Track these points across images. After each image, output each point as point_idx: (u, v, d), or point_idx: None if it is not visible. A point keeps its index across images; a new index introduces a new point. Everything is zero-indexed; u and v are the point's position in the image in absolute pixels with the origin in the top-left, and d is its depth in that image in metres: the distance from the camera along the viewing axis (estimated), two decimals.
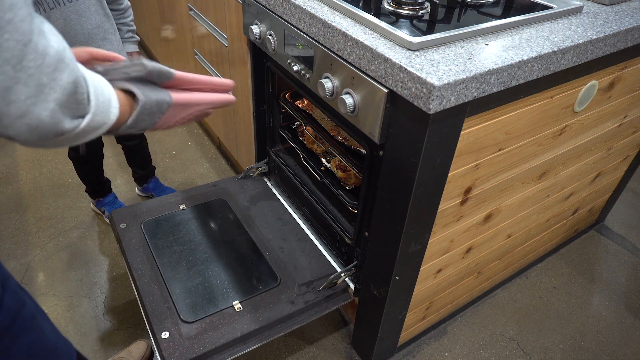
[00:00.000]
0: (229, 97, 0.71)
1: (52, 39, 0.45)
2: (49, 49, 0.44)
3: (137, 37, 1.64)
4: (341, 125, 1.11)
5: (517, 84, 0.88)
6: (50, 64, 0.44)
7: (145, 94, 0.59)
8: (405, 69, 0.79)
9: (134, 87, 0.58)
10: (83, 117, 0.49)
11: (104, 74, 0.56)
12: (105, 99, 0.52)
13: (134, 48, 1.62)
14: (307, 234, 1.44)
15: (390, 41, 0.88)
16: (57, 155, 2.17)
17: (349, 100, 0.95)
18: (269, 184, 1.64)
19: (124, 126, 0.58)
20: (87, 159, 1.66)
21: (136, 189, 1.98)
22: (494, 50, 0.87)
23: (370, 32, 0.92)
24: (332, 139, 1.31)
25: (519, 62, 0.85)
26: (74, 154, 1.64)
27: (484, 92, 0.83)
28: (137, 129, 0.61)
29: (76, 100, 0.48)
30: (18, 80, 0.42)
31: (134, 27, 1.60)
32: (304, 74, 1.11)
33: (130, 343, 1.41)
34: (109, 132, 0.56)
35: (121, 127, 0.58)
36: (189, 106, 0.67)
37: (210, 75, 1.84)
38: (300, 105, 1.48)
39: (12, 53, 0.41)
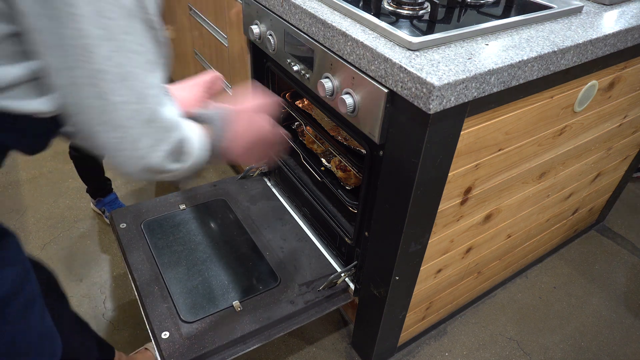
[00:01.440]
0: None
1: (171, 108, 0.62)
2: (169, 115, 0.60)
3: None
4: (341, 125, 1.11)
5: (517, 84, 0.88)
6: (167, 126, 0.60)
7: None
8: (405, 69, 0.79)
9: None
10: (184, 162, 0.66)
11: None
12: (202, 150, 0.69)
13: None
14: (307, 234, 1.44)
15: (390, 41, 0.88)
16: (57, 155, 2.17)
17: (349, 100, 0.95)
18: (269, 184, 1.64)
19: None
20: (89, 156, 1.66)
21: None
22: (494, 50, 0.87)
23: (370, 32, 0.92)
24: (332, 139, 1.31)
25: (519, 62, 0.85)
26: (75, 153, 1.64)
27: (484, 92, 0.83)
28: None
29: (180, 152, 0.64)
30: (146, 134, 0.58)
31: None
32: (304, 74, 1.11)
33: (130, 343, 1.41)
34: None
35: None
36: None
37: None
38: (300, 105, 1.48)
39: (148, 116, 0.57)
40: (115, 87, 0.53)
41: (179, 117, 0.63)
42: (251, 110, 0.81)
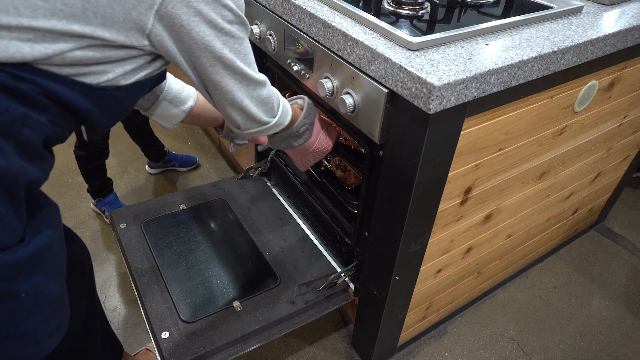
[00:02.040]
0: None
1: (259, 74, 0.84)
2: (259, 79, 0.83)
3: None
4: (341, 125, 1.11)
5: (517, 84, 0.88)
6: (259, 87, 0.83)
7: (304, 119, 1.04)
8: (405, 69, 0.79)
9: (301, 116, 1.04)
10: (274, 117, 0.90)
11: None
12: (285, 110, 0.93)
13: None
14: (307, 234, 1.44)
15: (390, 41, 0.88)
16: (57, 155, 2.16)
17: (349, 100, 0.95)
18: (269, 184, 1.64)
19: (289, 131, 1.02)
20: (95, 155, 1.67)
21: (147, 166, 2.11)
22: (494, 50, 0.87)
23: (370, 32, 0.92)
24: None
25: (519, 62, 0.85)
26: (81, 152, 1.65)
27: (484, 92, 0.83)
28: (287, 139, 1.05)
29: (269, 106, 0.87)
30: (248, 95, 0.82)
31: None
32: (304, 74, 1.11)
33: (130, 343, 1.41)
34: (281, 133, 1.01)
35: (289, 130, 1.01)
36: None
37: None
38: None
39: (248, 81, 0.81)
40: (227, 65, 0.75)
41: (267, 82, 0.85)
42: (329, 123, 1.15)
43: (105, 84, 0.67)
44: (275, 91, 0.90)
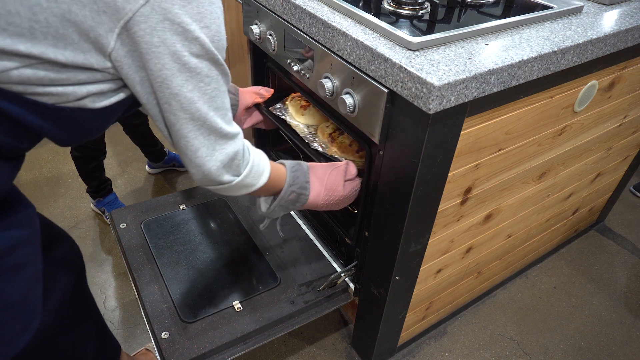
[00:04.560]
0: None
1: (231, 127, 0.75)
2: (225, 130, 0.74)
3: None
4: (341, 125, 1.11)
5: (517, 84, 0.88)
6: (223, 140, 0.74)
7: (289, 188, 0.96)
8: (405, 69, 0.79)
9: (287, 182, 0.95)
10: (236, 176, 0.80)
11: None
12: (258, 170, 0.85)
13: None
14: (307, 234, 1.44)
15: (390, 41, 0.88)
16: (57, 155, 2.17)
17: (349, 100, 0.95)
18: None
19: (275, 203, 0.96)
20: (91, 156, 1.67)
21: (147, 166, 2.10)
22: (494, 50, 0.87)
23: (370, 32, 0.92)
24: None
25: (519, 62, 0.85)
26: (77, 153, 1.65)
27: (484, 92, 0.83)
28: (285, 207, 0.99)
29: (233, 164, 0.78)
30: (205, 145, 0.72)
31: None
32: (304, 74, 1.11)
33: (130, 343, 1.41)
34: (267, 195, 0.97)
35: (276, 199, 0.96)
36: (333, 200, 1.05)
37: None
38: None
39: (209, 131, 0.71)
40: (184, 106, 0.67)
41: (238, 135, 0.78)
42: (337, 170, 1.05)
43: (65, 104, 0.63)
44: (247, 148, 0.82)
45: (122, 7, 0.57)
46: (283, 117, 1.34)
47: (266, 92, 1.32)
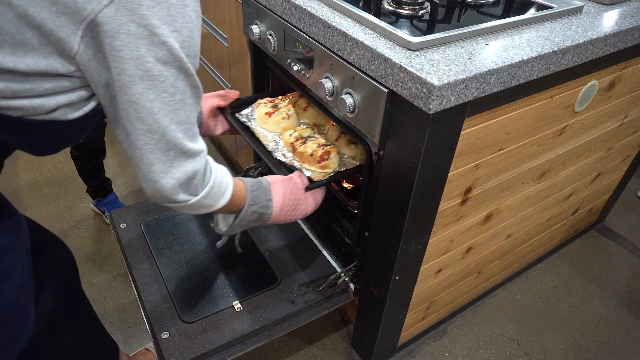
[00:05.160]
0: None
1: (195, 141, 0.70)
2: (187, 147, 0.68)
3: None
4: (341, 125, 1.11)
5: (517, 83, 0.88)
6: (183, 157, 0.68)
7: (250, 208, 0.90)
8: (405, 69, 0.79)
9: (247, 202, 0.89)
10: (193, 196, 0.74)
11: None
12: (219, 191, 0.80)
13: None
14: (307, 234, 1.44)
15: (390, 41, 0.88)
16: (57, 155, 2.17)
17: (349, 100, 0.95)
18: None
19: (234, 222, 0.90)
20: (90, 156, 1.67)
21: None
22: (494, 50, 0.87)
23: (370, 32, 0.92)
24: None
25: (519, 62, 0.85)
26: (77, 153, 1.65)
27: (484, 92, 0.83)
28: (245, 226, 0.93)
29: (193, 184, 0.72)
30: (160, 161, 0.66)
31: None
32: (304, 74, 1.11)
33: (130, 343, 1.41)
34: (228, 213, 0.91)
35: (237, 219, 0.90)
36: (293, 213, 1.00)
37: (212, 75, 1.84)
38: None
39: (165, 145, 0.65)
40: (142, 117, 0.62)
41: (201, 153, 0.72)
42: (293, 181, 1.00)
43: (34, 117, 0.60)
44: (210, 167, 0.76)
45: (83, 8, 0.53)
46: (248, 123, 1.26)
47: (230, 93, 1.23)
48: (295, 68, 1.13)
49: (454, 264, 1.26)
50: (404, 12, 1.02)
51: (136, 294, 1.20)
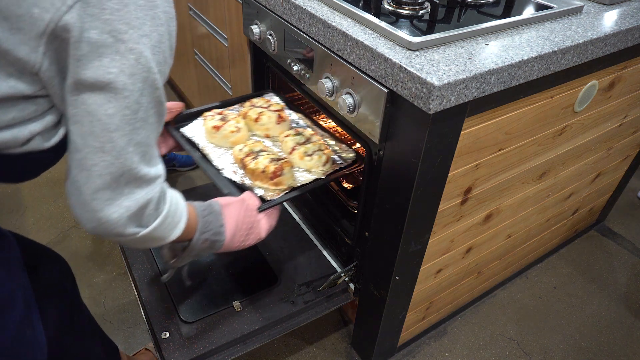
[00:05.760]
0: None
1: (152, 165, 0.61)
2: (142, 172, 0.59)
3: None
4: (341, 125, 1.11)
5: (517, 84, 0.88)
6: (135, 183, 0.59)
7: (202, 236, 0.78)
8: (405, 69, 0.79)
9: (198, 229, 0.78)
10: (143, 227, 0.63)
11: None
12: (173, 221, 0.69)
13: None
14: (307, 234, 1.44)
15: (390, 41, 0.88)
16: None
17: (349, 100, 0.95)
18: None
19: (184, 253, 0.79)
20: None
21: None
22: (494, 50, 0.87)
23: (370, 32, 0.92)
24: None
25: (519, 62, 0.85)
26: None
27: (484, 92, 0.83)
28: (195, 256, 0.82)
29: (145, 214, 0.62)
30: (110, 186, 0.56)
31: None
32: (304, 74, 1.11)
33: (130, 343, 1.41)
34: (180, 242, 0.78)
35: (186, 250, 0.79)
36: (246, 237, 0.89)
37: (212, 75, 1.84)
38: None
39: (119, 170, 0.56)
40: (96, 132, 0.54)
41: (157, 180, 0.63)
42: (243, 202, 0.88)
43: (11, 151, 0.55)
44: (164, 194, 0.67)
45: (40, 19, 0.48)
46: (194, 139, 1.14)
47: (174, 106, 1.13)
48: (295, 68, 1.13)
49: (454, 264, 1.26)
50: (404, 12, 1.02)
51: (136, 294, 1.20)
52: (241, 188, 1.01)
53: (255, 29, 1.26)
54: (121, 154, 0.56)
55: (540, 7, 1.08)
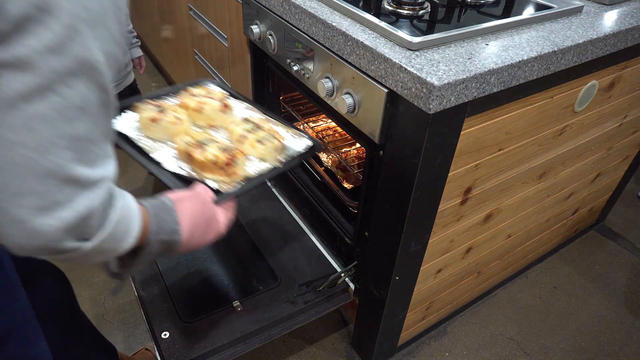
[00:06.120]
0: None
1: (94, 166, 0.49)
2: (78, 174, 0.48)
3: (139, 41, 1.65)
4: (341, 125, 1.11)
5: (517, 83, 0.88)
6: (71, 187, 0.47)
7: (157, 237, 0.64)
8: (405, 69, 0.79)
9: (151, 231, 0.64)
10: (85, 241, 0.51)
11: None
12: (123, 230, 0.56)
13: (139, 52, 1.65)
14: (307, 234, 1.44)
15: (390, 41, 0.88)
16: None
17: (349, 100, 0.95)
18: (269, 184, 1.64)
19: (136, 260, 0.65)
20: None
21: None
22: (494, 50, 0.87)
23: (370, 32, 0.92)
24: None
25: (519, 62, 0.85)
26: None
27: (484, 92, 0.83)
28: (149, 262, 0.67)
29: (87, 225, 0.50)
30: (35, 192, 0.45)
31: (135, 32, 1.62)
32: (304, 74, 1.11)
33: (130, 343, 1.41)
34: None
35: (138, 257, 0.64)
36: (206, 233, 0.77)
37: (212, 77, 1.84)
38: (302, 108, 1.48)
39: (48, 169, 0.45)
40: (15, 125, 0.43)
41: (100, 183, 0.50)
42: (197, 194, 0.76)
43: None
44: (113, 198, 0.54)
45: None
46: (129, 133, 0.99)
47: None
48: (295, 68, 1.13)
49: (454, 264, 1.26)
50: (404, 12, 1.02)
51: (136, 294, 1.20)
52: (190, 182, 0.88)
53: (255, 29, 1.26)
54: (48, 150, 0.45)
55: (540, 7, 1.08)
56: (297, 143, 1.03)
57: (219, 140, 0.97)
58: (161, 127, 0.99)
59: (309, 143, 1.03)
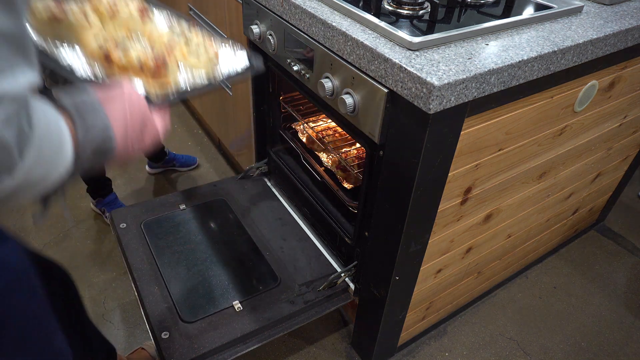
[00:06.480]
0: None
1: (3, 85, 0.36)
2: None
3: None
4: (341, 125, 1.11)
5: (517, 83, 0.88)
6: None
7: (86, 144, 0.50)
8: (405, 69, 0.79)
9: (78, 137, 0.49)
10: (8, 174, 0.39)
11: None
12: (52, 149, 0.44)
13: None
14: (307, 234, 1.44)
15: (390, 41, 0.88)
16: None
17: (349, 100, 0.95)
18: (269, 184, 1.64)
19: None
20: None
21: (147, 166, 2.08)
22: (494, 50, 0.87)
23: (370, 32, 0.92)
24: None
25: (519, 62, 0.85)
26: None
27: (484, 92, 0.83)
28: (78, 176, 0.53)
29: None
30: None
31: None
32: (304, 74, 1.11)
33: (129, 343, 1.41)
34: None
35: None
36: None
37: None
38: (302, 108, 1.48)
39: None
40: None
41: (8, 98, 0.37)
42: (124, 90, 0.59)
43: None
44: (29, 113, 0.40)
45: None
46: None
47: None
48: (295, 68, 1.13)
49: (454, 264, 1.26)
50: (404, 12, 1.02)
51: (136, 294, 1.20)
52: None
53: (255, 29, 1.26)
54: None
55: (540, 7, 1.08)
56: (234, 58, 0.82)
57: (140, 49, 0.74)
58: (66, 26, 0.74)
59: (247, 62, 0.82)
